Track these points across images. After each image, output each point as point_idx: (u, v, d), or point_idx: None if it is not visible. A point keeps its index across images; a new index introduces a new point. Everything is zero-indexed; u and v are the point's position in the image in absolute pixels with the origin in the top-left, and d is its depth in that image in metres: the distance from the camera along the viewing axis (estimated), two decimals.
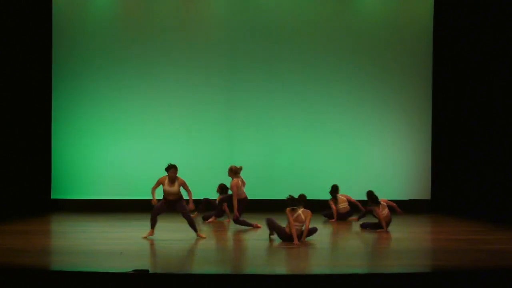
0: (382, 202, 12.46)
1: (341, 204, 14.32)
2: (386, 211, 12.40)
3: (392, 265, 9.10)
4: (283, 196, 11.02)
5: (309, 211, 10.85)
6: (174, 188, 11.15)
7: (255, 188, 15.09)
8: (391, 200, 12.95)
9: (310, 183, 15.92)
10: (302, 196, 11.02)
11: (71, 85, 16.20)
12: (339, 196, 14.38)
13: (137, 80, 16.31)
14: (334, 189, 14.49)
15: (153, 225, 11.29)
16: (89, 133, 16.20)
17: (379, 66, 16.58)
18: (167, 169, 11.17)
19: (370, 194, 12.68)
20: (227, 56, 16.46)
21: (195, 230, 11.28)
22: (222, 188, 14.12)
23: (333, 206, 14.27)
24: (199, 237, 11.18)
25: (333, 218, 14.18)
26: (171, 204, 11.22)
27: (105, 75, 16.24)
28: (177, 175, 11.18)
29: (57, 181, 16.16)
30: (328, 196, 14.55)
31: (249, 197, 13.10)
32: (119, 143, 16.27)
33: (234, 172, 13.03)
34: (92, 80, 16.22)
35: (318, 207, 14.11)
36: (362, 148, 16.53)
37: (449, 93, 16.38)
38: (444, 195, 16.38)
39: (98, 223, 13.75)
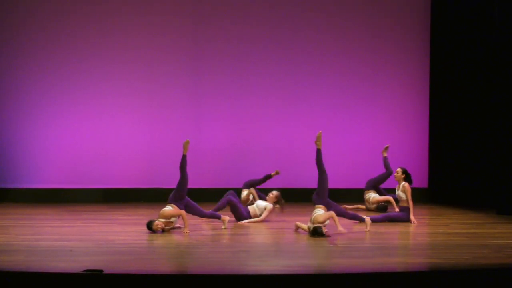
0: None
1: None
2: None
3: (382, 263, 9.16)
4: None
5: None
6: None
7: (226, 175, 15.13)
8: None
9: (290, 169, 15.95)
10: None
11: (11, 55, 16.05)
12: None
13: (91, 53, 16.15)
14: None
15: None
16: (34, 112, 16.04)
17: (370, 42, 16.65)
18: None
19: None
20: (194, 22, 16.40)
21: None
22: None
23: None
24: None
25: None
26: None
27: (54, 46, 16.09)
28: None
29: None
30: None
31: (219, 185, 13.07)
32: (69, 123, 16.13)
33: None
34: (37, 53, 16.06)
35: (301, 197, 14.18)
36: (351, 130, 16.51)
37: (449, 72, 16.35)
38: (443, 183, 16.47)
39: (44, 215, 13.71)
